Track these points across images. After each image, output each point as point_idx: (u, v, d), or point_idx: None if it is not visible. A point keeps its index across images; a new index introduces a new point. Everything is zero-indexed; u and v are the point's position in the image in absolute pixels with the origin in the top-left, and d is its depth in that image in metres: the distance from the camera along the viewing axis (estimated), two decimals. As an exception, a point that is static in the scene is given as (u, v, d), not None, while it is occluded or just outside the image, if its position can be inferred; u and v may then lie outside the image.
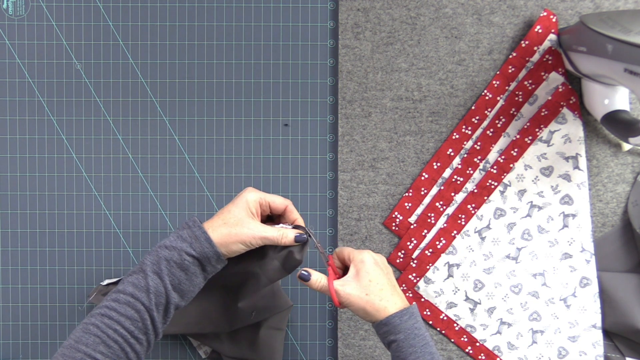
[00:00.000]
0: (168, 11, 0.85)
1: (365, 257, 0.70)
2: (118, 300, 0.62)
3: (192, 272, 0.65)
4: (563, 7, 0.84)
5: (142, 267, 0.64)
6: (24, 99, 0.85)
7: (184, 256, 0.64)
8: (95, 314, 0.62)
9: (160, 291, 0.63)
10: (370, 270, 0.69)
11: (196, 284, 0.66)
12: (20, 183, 0.85)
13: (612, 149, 0.85)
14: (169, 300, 0.64)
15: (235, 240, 0.66)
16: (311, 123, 0.86)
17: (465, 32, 0.84)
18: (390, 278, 0.71)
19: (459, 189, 0.85)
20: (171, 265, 0.64)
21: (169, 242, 0.65)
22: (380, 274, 0.69)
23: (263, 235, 0.67)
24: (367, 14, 0.84)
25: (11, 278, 0.85)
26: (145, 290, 0.63)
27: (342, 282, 0.69)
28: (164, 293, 0.63)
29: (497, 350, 0.85)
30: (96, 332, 0.60)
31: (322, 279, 0.70)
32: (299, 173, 0.86)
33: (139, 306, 0.62)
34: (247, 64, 0.85)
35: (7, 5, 0.84)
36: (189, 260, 0.64)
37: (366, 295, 0.67)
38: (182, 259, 0.64)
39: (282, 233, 0.68)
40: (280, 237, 0.68)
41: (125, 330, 0.61)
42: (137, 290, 0.63)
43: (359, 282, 0.68)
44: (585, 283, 0.84)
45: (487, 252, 0.85)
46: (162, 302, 0.63)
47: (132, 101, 0.85)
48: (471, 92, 0.85)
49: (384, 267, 0.71)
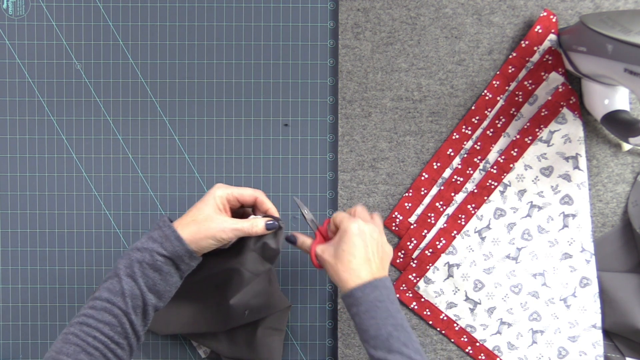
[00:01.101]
0: (168, 11, 0.85)
1: (350, 226, 0.69)
2: (95, 307, 0.62)
3: (166, 271, 0.65)
4: (563, 7, 0.84)
5: (116, 271, 0.64)
6: (24, 99, 0.85)
7: (155, 257, 0.64)
8: (73, 323, 0.62)
9: (135, 294, 0.63)
10: (347, 240, 0.68)
11: (172, 284, 0.66)
12: (20, 183, 0.85)
13: (612, 149, 0.85)
14: (146, 302, 0.64)
15: (205, 236, 0.66)
16: (311, 123, 0.86)
17: (465, 32, 0.84)
18: (372, 250, 0.69)
19: (459, 189, 0.85)
20: (144, 267, 0.64)
21: (140, 244, 0.65)
22: (357, 245, 0.68)
23: (232, 227, 0.67)
24: (367, 14, 0.84)
25: (11, 278, 0.85)
26: (121, 294, 0.62)
27: (323, 246, 0.71)
28: (140, 295, 0.63)
29: (497, 350, 0.85)
30: (76, 341, 0.60)
31: (307, 241, 0.72)
32: (299, 173, 0.86)
33: (116, 311, 0.62)
34: (247, 64, 0.85)
35: (7, 5, 0.84)
36: (161, 260, 0.64)
37: (335, 264, 0.68)
38: (154, 260, 0.64)
39: (252, 223, 0.69)
40: (250, 227, 0.69)
41: (105, 336, 0.61)
42: (112, 295, 0.62)
43: (335, 250, 0.69)
44: (585, 283, 0.84)
45: (487, 252, 0.85)
46: (139, 304, 0.63)
47: (132, 101, 0.85)
48: (471, 92, 0.85)
49: (369, 238, 0.69)
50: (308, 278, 0.86)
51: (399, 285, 0.86)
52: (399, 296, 0.86)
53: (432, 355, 0.86)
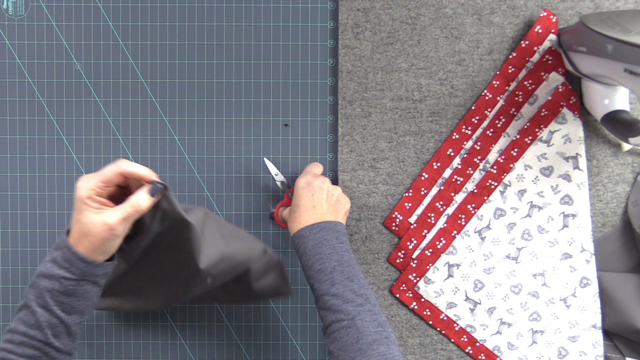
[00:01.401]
0: (168, 11, 0.85)
1: (298, 182, 0.76)
2: (13, 341, 0.59)
3: (82, 291, 0.60)
4: (563, 7, 0.84)
5: (27, 302, 0.60)
6: (24, 99, 0.85)
7: (65, 283, 0.59)
8: None
9: (53, 322, 0.60)
10: (295, 194, 0.75)
11: (91, 297, 0.62)
12: (20, 183, 0.85)
13: (612, 149, 0.85)
14: (68, 325, 0.60)
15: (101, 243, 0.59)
16: (311, 123, 0.86)
17: (465, 32, 0.84)
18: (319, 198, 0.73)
19: (459, 189, 0.85)
20: (55, 295, 0.59)
21: (46, 270, 0.60)
22: (303, 196, 0.73)
23: (118, 218, 0.59)
24: (367, 14, 0.84)
25: (11, 278, 0.85)
26: (37, 326, 0.59)
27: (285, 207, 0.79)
28: (59, 322, 0.60)
29: (497, 351, 0.85)
30: None
31: None
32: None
33: (35, 344, 0.59)
34: (247, 64, 0.85)
35: (7, 5, 0.84)
36: (72, 284, 0.59)
37: (289, 217, 0.74)
38: (65, 287, 0.59)
39: (131, 202, 0.60)
40: (136, 206, 0.60)
41: None
42: (29, 329, 0.59)
43: (290, 206, 0.76)
44: (585, 283, 0.84)
45: (487, 252, 0.85)
46: (61, 330, 0.60)
47: (132, 101, 0.85)
48: (471, 92, 0.85)
49: (317, 188, 0.73)
50: (308, 278, 0.86)
51: (399, 285, 0.86)
52: (398, 296, 0.86)
53: (432, 355, 0.86)
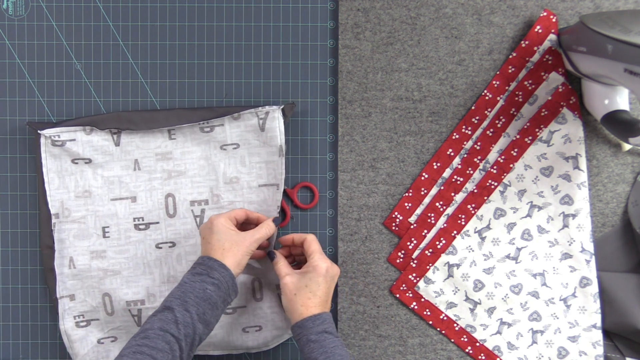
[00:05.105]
0: (168, 11, 0.85)
1: (320, 265, 0.75)
2: (148, 336, 0.65)
3: (214, 301, 0.69)
4: (563, 7, 0.84)
5: (168, 304, 0.68)
6: (24, 99, 0.85)
7: (205, 287, 0.69)
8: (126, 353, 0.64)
9: (187, 322, 0.67)
10: (313, 277, 0.74)
11: (217, 315, 0.71)
12: (20, 183, 0.85)
13: (612, 149, 0.85)
14: (195, 331, 0.67)
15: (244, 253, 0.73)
16: (311, 123, 0.86)
17: (465, 32, 0.84)
18: (330, 292, 0.76)
19: (459, 189, 0.85)
20: (195, 297, 0.68)
21: (187, 279, 0.70)
22: (320, 285, 0.74)
23: (255, 237, 0.74)
24: (367, 14, 0.84)
25: (11, 278, 0.85)
26: (174, 322, 0.66)
27: (290, 270, 0.76)
28: (191, 324, 0.67)
29: (497, 351, 0.85)
30: None
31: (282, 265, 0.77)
32: (299, 173, 0.86)
33: (168, 337, 0.65)
34: (247, 64, 0.85)
35: (7, 5, 0.84)
36: (210, 289, 0.69)
37: (294, 295, 0.74)
38: (204, 289, 0.69)
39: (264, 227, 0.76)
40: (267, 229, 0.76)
41: None
42: (165, 324, 0.66)
43: (298, 280, 0.75)
44: (585, 283, 0.84)
45: (487, 252, 0.85)
46: (189, 333, 0.67)
47: (132, 101, 0.85)
48: (471, 92, 0.85)
49: (331, 281, 0.76)
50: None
51: (399, 285, 0.86)
52: (398, 296, 0.86)
53: (432, 355, 0.86)
